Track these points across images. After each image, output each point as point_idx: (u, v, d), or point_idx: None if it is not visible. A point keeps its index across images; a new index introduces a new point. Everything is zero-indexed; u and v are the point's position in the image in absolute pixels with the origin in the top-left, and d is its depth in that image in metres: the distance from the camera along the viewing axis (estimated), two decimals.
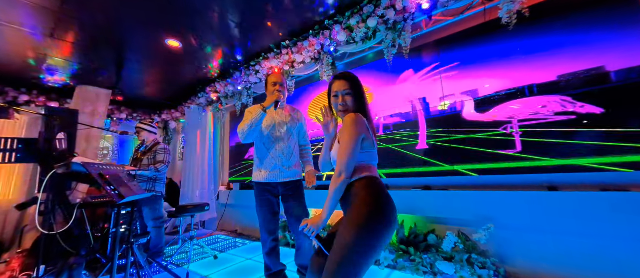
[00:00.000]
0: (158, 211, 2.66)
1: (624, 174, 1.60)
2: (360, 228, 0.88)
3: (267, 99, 1.65)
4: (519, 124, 1.93)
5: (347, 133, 1.01)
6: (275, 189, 1.72)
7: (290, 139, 1.76)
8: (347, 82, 1.12)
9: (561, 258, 1.67)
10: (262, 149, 1.74)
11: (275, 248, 1.74)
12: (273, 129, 1.74)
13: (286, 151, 1.72)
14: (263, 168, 1.71)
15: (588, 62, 1.72)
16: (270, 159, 1.70)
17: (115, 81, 3.70)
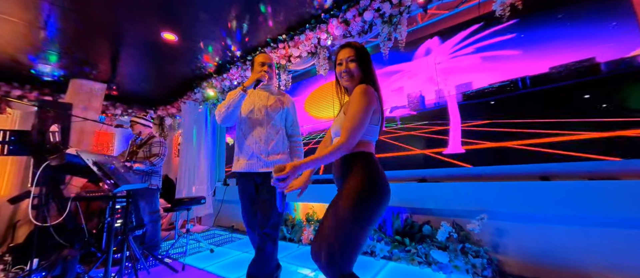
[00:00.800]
0: (154, 205, 2.65)
1: (613, 163, 1.63)
2: (361, 200, 0.88)
3: (250, 78, 1.53)
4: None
5: (358, 103, 0.95)
6: (253, 180, 1.55)
7: (271, 125, 1.57)
8: (351, 49, 1.07)
9: (552, 247, 1.70)
10: (239, 135, 1.60)
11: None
12: (251, 113, 1.57)
13: (265, 138, 1.54)
14: (241, 156, 1.56)
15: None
16: (247, 146, 1.54)
17: (111, 75, 3.66)
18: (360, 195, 0.89)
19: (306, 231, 2.86)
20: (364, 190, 0.90)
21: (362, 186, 0.91)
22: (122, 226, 1.88)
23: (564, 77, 1.80)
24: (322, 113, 3.48)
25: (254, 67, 1.63)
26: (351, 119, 0.94)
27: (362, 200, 0.89)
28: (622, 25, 1.66)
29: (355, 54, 1.06)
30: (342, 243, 0.86)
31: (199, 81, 4.15)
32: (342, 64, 1.08)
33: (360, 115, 0.94)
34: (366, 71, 1.06)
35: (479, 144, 2.11)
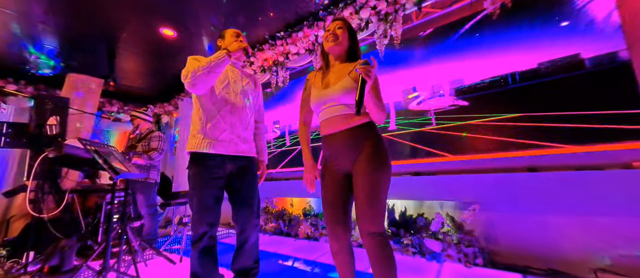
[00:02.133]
0: (152, 198, 2.66)
1: (599, 154, 1.71)
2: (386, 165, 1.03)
3: (232, 45, 1.26)
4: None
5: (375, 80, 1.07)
6: (222, 165, 1.30)
7: (247, 107, 1.41)
8: (341, 21, 1.16)
9: (541, 236, 1.77)
10: (211, 109, 1.30)
11: (213, 249, 1.30)
12: (227, 87, 1.35)
13: (243, 119, 1.37)
14: (210, 135, 1.29)
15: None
16: (221, 124, 1.30)
17: (108, 70, 3.67)
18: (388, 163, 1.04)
19: (303, 225, 2.89)
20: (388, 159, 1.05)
21: (387, 157, 1.05)
22: (120, 217, 1.90)
23: (551, 72, 1.87)
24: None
25: (228, 39, 1.42)
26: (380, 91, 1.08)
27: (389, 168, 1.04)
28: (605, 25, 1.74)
29: (344, 25, 1.15)
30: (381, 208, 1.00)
31: None
32: (329, 31, 1.15)
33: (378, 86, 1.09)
34: (353, 41, 1.16)
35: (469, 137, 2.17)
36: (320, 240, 2.64)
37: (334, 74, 1.13)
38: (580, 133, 1.75)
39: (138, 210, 2.60)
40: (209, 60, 1.20)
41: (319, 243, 2.62)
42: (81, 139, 1.43)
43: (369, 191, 0.98)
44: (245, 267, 1.38)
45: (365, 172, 1.00)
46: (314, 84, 1.17)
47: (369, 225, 0.98)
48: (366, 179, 0.99)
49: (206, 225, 1.25)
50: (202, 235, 1.25)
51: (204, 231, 1.25)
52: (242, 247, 1.37)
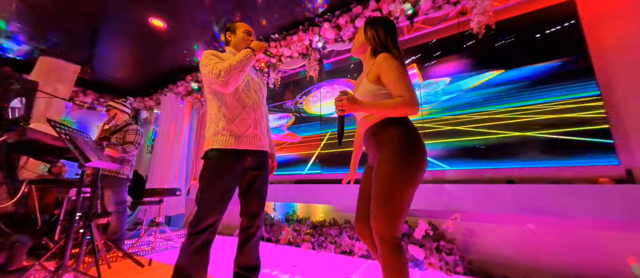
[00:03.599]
0: (121, 195, 2.46)
1: (570, 168, 1.83)
2: (401, 165, 0.95)
3: (255, 45, 1.29)
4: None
5: (399, 73, 0.98)
6: (243, 160, 1.32)
7: (264, 104, 1.50)
8: (361, 28, 1.19)
9: (519, 245, 1.84)
10: (235, 106, 1.32)
11: (210, 245, 1.24)
12: (248, 85, 1.40)
13: (263, 115, 1.46)
14: (235, 131, 1.30)
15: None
16: (246, 120, 1.33)
17: (87, 57, 3.44)
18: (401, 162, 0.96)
19: (285, 231, 2.80)
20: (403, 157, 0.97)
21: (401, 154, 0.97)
22: (85, 213, 1.72)
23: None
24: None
25: (239, 34, 1.44)
26: (403, 87, 0.96)
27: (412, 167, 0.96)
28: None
29: (363, 27, 1.18)
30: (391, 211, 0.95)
31: (183, 73, 4.04)
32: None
33: (407, 79, 0.99)
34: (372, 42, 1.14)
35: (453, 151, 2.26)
36: (302, 246, 2.56)
37: (362, 76, 1.20)
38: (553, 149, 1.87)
39: (104, 206, 2.39)
40: (239, 59, 1.23)
41: (300, 249, 2.54)
42: (51, 120, 1.30)
43: (377, 189, 0.95)
44: (249, 264, 1.35)
45: (378, 169, 0.98)
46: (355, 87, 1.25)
47: (374, 223, 0.94)
48: (377, 176, 0.97)
49: (217, 215, 1.23)
50: (209, 226, 1.20)
51: (213, 221, 1.21)
52: (249, 242, 1.35)
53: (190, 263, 1.18)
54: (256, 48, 1.28)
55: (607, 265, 1.60)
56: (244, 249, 1.35)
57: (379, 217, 0.93)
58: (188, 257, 1.18)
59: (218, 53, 1.33)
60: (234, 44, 1.44)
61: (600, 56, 1.83)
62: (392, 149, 0.97)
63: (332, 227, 2.58)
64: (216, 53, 1.32)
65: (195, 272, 1.18)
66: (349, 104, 0.95)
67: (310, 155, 3.11)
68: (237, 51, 1.41)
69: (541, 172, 1.92)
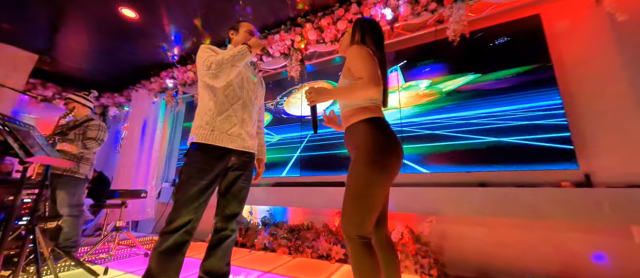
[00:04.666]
0: (77, 197, 2.23)
1: (534, 175, 1.93)
2: (375, 164, 0.95)
3: (254, 43, 1.28)
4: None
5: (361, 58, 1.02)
6: (225, 159, 1.27)
7: (254, 104, 1.43)
8: (352, 23, 1.21)
9: (491, 247, 1.88)
10: (223, 102, 1.29)
11: (185, 247, 1.16)
12: (241, 82, 1.36)
13: (252, 115, 1.40)
14: (219, 128, 1.26)
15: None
16: (232, 117, 1.29)
17: (46, 45, 3.14)
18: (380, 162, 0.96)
19: (261, 235, 2.68)
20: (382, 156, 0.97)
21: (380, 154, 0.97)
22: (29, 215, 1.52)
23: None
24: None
25: (242, 34, 1.42)
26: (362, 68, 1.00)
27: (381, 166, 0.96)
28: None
29: (349, 28, 1.22)
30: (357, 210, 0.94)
31: (157, 69, 3.82)
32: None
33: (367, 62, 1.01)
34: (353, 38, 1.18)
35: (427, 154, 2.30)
36: (278, 251, 2.46)
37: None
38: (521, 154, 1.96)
39: (56, 208, 2.15)
40: (232, 53, 1.23)
41: (276, 254, 2.44)
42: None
43: (348, 187, 0.97)
44: (217, 270, 1.27)
45: (351, 167, 1.00)
46: None
47: (343, 222, 0.95)
48: (350, 174, 0.99)
49: (193, 214, 1.17)
50: (182, 225, 1.13)
51: (187, 221, 1.14)
52: (220, 245, 1.28)
53: (157, 266, 1.09)
54: (253, 45, 1.27)
55: (570, 264, 1.68)
56: (214, 252, 1.28)
57: (347, 215, 0.94)
58: (156, 259, 1.10)
59: (215, 48, 1.33)
60: (234, 42, 1.45)
61: (562, 68, 1.96)
62: (365, 149, 0.98)
63: (309, 231, 2.51)
64: (213, 47, 1.33)
65: (164, 276, 1.09)
66: (316, 94, 1.05)
67: (289, 158, 3.04)
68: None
69: (510, 176, 1.99)
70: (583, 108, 1.88)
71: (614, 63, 1.82)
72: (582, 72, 1.92)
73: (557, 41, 2.01)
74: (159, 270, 1.09)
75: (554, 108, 1.90)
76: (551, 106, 1.91)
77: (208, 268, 1.27)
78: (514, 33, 2.13)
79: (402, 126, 2.44)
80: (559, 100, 1.89)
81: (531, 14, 2.07)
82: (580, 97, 1.90)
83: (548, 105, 1.92)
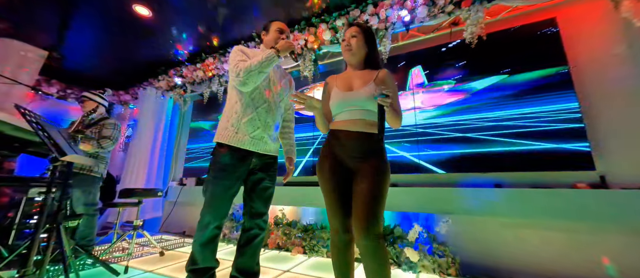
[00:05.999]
0: (93, 195, 2.23)
1: (549, 175, 1.96)
2: (389, 175, 1.09)
3: (281, 45, 1.29)
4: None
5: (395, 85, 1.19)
6: (247, 162, 1.32)
7: (279, 106, 1.45)
8: (356, 27, 1.21)
9: (507, 247, 1.92)
10: (248, 104, 1.32)
11: (216, 239, 1.30)
12: (267, 85, 1.38)
13: (275, 118, 1.41)
14: (242, 130, 1.30)
15: None
16: (255, 121, 1.32)
17: (56, 42, 3.10)
18: (386, 173, 1.08)
19: (273, 234, 2.69)
20: (387, 169, 1.09)
21: (388, 166, 1.10)
22: (53, 214, 1.51)
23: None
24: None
25: (271, 34, 1.43)
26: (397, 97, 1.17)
27: (387, 177, 1.07)
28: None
29: (359, 32, 1.20)
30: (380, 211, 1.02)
31: (165, 67, 3.80)
32: (345, 39, 1.23)
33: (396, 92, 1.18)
34: (369, 48, 1.22)
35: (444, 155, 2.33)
36: (293, 251, 2.48)
37: (357, 78, 1.19)
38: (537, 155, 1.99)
39: (72, 208, 2.14)
40: (260, 60, 1.24)
41: (291, 254, 2.45)
42: (20, 107, 1.13)
43: (373, 193, 1.02)
44: (248, 269, 1.34)
45: (372, 176, 1.05)
46: (336, 85, 1.22)
47: (376, 225, 0.99)
48: (372, 181, 1.04)
49: (214, 214, 1.27)
50: (207, 224, 1.26)
51: (216, 216, 1.27)
52: (249, 243, 1.34)
53: (198, 255, 1.27)
54: (281, 48, 1.29)
55: (584, 264, 1.72)
56: (244, 251, 1.34)
57: (375, 217, 1.00)
58: (196, 250, 1.27)
59: (246, 50, 1.36)
60: (265, 42, 1.46)
61: (578, 70, 2.00)
62: (384, 162, 1.09)
63: (323, 230, 2.53)
64: (244, 49, 1.36)
65: (204, 260, 1.27)
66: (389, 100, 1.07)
67: (301, 159, 3.05)
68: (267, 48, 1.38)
69: (525, 177, 2.03)
70: (598, 109, 1.91)
71: (630, 68, 1.86)
72: (598, 75, 1.95)
73: (573, 43, 2.04)
74: (201, 258, 1.26)
75: (569, 110, 1.94)
76: (568, 109, 1.94)
77: (240, 267, 1.33)
78: (530, 36, 2.15)
79: (417, 128, 2.46)
80: (576, 103, 1.92)
81: (547, 18, 2.10)
82: (595, 99, 1.93)
83: (565, 108, 1.95)
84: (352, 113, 1.14)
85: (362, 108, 1.13)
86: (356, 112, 1.13)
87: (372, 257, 0.98)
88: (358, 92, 1.13)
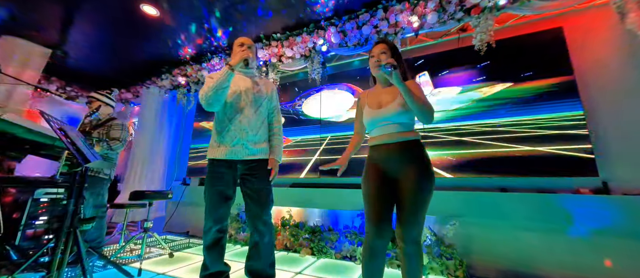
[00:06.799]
0: (102, 197, 2.22)
1: (552, 180, 2.02)
2: (432, 181, 1.12)
3: (233, 58, 1.41)
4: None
5: (420, 88, 1.21)
6: (233, 169, 1.44)
7: (258, 112, 1.51)
8: (383, 44, 1.27)
9: (512, 249, 1.98)
10: (223, 120, 1.46)
11: (220, 242, 1.42)
12: (238, 97, 1.47)
13: (252, 124, 1.46)
14: (223, 142, 1.43)
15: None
16: (232, 132, 1.43)
17: (59, 39, 3.05)
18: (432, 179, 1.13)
19: (280, 235, 2.72)
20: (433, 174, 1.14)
21: (432, 172, 1.14)
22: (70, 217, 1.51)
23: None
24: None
25: (233, 50, 1.54)
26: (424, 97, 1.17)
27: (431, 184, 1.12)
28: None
29: (387, 48, 1.27)
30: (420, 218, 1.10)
31: (169, 66, 3.76)
32: (373, 56, 1.28)
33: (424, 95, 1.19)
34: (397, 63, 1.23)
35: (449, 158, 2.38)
36: (301, 252, 2.51)
37: (386, 94, 1.25)
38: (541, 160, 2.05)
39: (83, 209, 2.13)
40: (214, 82, 1.35)
41: (300, 255, 2.48)
42: (44, 114, 1.12)
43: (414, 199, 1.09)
44: (258, 271, 1.43)
45: (415, 182, 1.10)
46: (367, 103, 1.29)
47: (413, 231, 1.09)
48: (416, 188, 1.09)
49: (212, 219, 1.40)
50: (208, 229, 1.41)
51: (214, 220, 1.40)
52: (255, 246, 1.43)
53: (207, 257, 1.42)
54: (234, 63, 1.37)
55: (588, 269, 1.78)
56: (251, 254, 1.45)
57: (419, 224, 1.11)
58: (205, 253, 1.42)
59: (212, 75, 1.46)
60: (232, 57, 1.51)
61: (583, 79, 2.06)
62: (426, 167, 1.14)
63: (331, 232, 2.56)
64: (211, 75, 1.45)
65: (212, 264, 1.41)
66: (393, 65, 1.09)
67: (308, 160, 3.07)
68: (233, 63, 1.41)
69: (530, 182, 2.09)
70: (603, 118, 1.98)
71: (633, 77, 1.93)
72: (603, 84, 2.02)
73: (579, 51, 2.10)
74: (209, 260, 1.41)
75: (574, 117, 2.00)
76: (573, 116, 2.00)
77: (248, 269, 1.46)
78: (537, 44, 2.20)
79: (426, 131, 2.50)
80: (581, 110, 1.98)
81: (554, 27, 2.15)
82: (601, 108, 2.00)
83: (570, 115, 2.01)
84: (385, 128, 1.20)
85: (394, 122, 1.19)
86: (389, 127, 1.20)
87: (409, 261, 1.10)
88: (387, 109, 1.20)
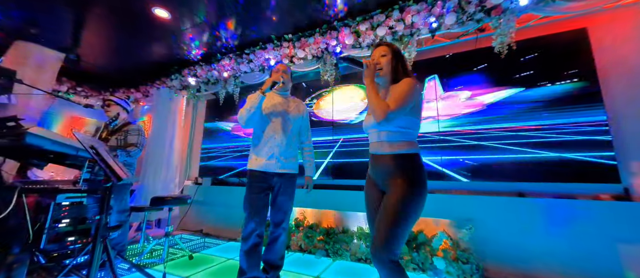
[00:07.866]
0: (124, 202, 2.27)
1: (573, 185, 2.01)
2: (412, 200, 1.01)
3: (266, 81, 1.61)
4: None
5: (405, 87, 1.07)
6: (270, 179, 1.66)
7: (290, 131, 1.72)
8: (384, 47, 1.22)
9: (528, 254, 1.99)
10: (260, 135, 1.69)
11: (258, 247, 1.60)
12: (271, 116, 1.70)
13: (284, 142, 1.68)
14: (259, 155, 1.67)
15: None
16: (267, 147, 1.66)
17: (72, 43, 3.05)
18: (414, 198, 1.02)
19: (295, 236, 2.77)
20: (417, 194, 1.03)
21: (416, 191, 1.03)
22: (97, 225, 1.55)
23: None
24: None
25: (271, 75, 1.77)
26: (398, 96, 1.06)
27: (416, 202, 1.02)
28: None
29: (388, 51, 1.20)
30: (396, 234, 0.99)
31: (179, 66, 3.76)
32: (373, 58, 1.23)
33: (405, 95, 1.06)
34: (396, 68, 1.18)
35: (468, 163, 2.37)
36: (316, 253, 2.55)
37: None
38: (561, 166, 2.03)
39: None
40: (248, 105, 1.60)
41: (315, 256, 2.53)
42: (77, 133, 1.14)
43: (392, 216, 1.00)
44: (272, 260, 1.71)
45: (394, 197, 1.02)
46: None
47: (380, 247, 0.98)
48: (393, 202, 1.02)
49: (254, 223, 1.58)
50: (250, 232, 1.57)
51: (252, 229, 1.57)
52: (274, 242, 1.70)
53: (244, 262, 1.58)
54: (264, 87, 1.57)
55: (606, 274, 1.79)
56: (270, 248, 1.71)
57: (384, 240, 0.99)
58: (243, 258, 1.58)
59: (250, 96, 1.64)
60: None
61: (607, 83, 2.01)
62: (410, 178, 1.04)
63: (346, 234, 2.60)
64: (249, 96, 1.64)
65: (249, 269, 1.57)
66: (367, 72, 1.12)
67: (320, 162, 3.08)
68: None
69: (549, 187, 2.08)
70: (627, 124, 1.94)
71: None
72: (625, 87, 1.97)
73: (604, 55, 2.04)
74: (247, 265, 1.57)
75: (598, 123, 1.96)
76: (595, 121, 1.96)
77: (266, 259, 1.72)
78: (561, 46, 2.14)
79: (441, 135, 2.49)
80: (604, 116, 1.94)
81: (578, 28, 2.08)
82: (625, 113, 1.95)
83: (592, 120, 1.97)
84: (377, 135, 1.15)
85: (383, 129, 1.11)
86: (380, 133, 1.13)
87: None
88: (370, 117, 1.16)
